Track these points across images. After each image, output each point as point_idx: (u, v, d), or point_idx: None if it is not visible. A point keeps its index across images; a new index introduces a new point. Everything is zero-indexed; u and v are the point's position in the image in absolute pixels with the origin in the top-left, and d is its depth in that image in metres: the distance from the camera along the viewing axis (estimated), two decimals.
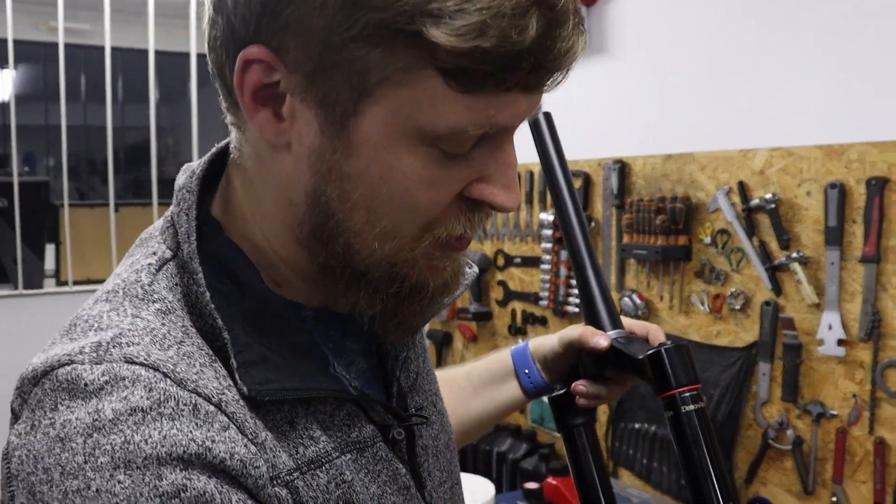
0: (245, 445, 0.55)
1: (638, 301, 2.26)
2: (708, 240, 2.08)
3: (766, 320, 1.94)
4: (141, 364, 0.55)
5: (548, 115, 0.90)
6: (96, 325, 0.58)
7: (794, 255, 1.87)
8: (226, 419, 0.55)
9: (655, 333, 0.90)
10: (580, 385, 0.87)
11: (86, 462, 0.51)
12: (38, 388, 0.55)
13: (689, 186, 2.13)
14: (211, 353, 0.60)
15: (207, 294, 0.61)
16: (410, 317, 0.67)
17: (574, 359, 0.91)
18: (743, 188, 1.99)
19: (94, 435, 0.51)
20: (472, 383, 1.01)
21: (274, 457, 0.58)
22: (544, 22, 0.54)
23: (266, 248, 0.66)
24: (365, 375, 0.72)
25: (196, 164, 0.70)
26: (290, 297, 0.68)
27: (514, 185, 0.62)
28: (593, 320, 0.88)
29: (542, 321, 2.57)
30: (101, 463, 0.51)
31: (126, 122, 4.10)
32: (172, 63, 3.41)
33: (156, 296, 0.61)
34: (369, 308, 0.66)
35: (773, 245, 1.93)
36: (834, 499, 1.81)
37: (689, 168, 2.14)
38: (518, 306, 2.66)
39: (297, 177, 0.61)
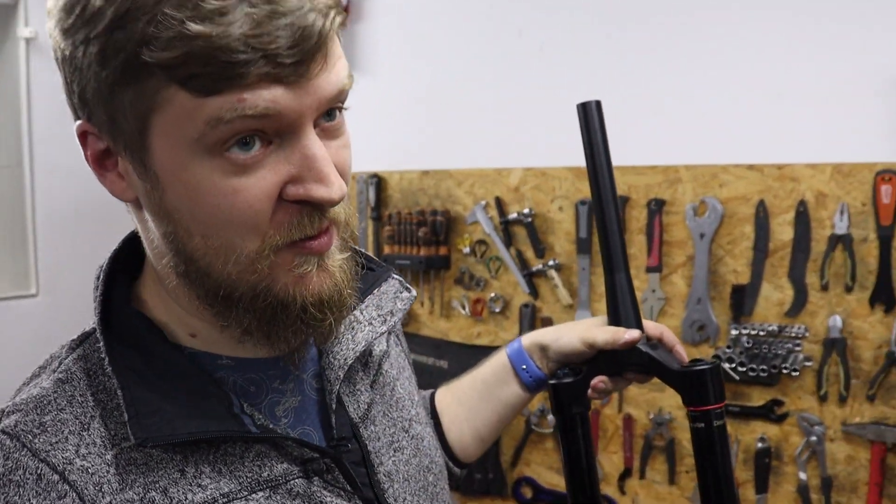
0: None
1: None
2: (467, 250, 2.28)
3: (525, 321, 2.20)
4: (7, 434, 0.64)
5: (598, 104, 0.92)
6: (15, 393, 0.71)
7: (550, 262, 2.15)
8: (66, 487, 0.62)
9: (671, 337, 0.97)
10: (601, 382, 0.95)
11: None
12: None
13: (447, 201, 2.32)
14: (94, 416, 0.66)
15: (107, 359, 0.67)
16: (291, 333, 0.68)
17: (591, 355, 0.96)
18: (500, 203, 2.22)
19: None
20: (476, 390, 1.06)
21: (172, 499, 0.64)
22: (254, 17, 0.56)
23: (175, 305, 0.71)
24: (296, 412, 0.76)
25: (114, 251, 0.76)
26: (205, 348, 0.72)
27: (327, 176, 0.62)
28: (618, 319, 0.93)
29: None
30: None
31: None
32: None
33: (62, 367, 0.69)
34: (238, 325, 0.67)
35: (530, 254, 2.19)
36: None
37: (445, 184, 2.32)
38: None
39: (154, 226, 0.66)
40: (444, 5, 2.38)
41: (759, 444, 1.89)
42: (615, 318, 0.94)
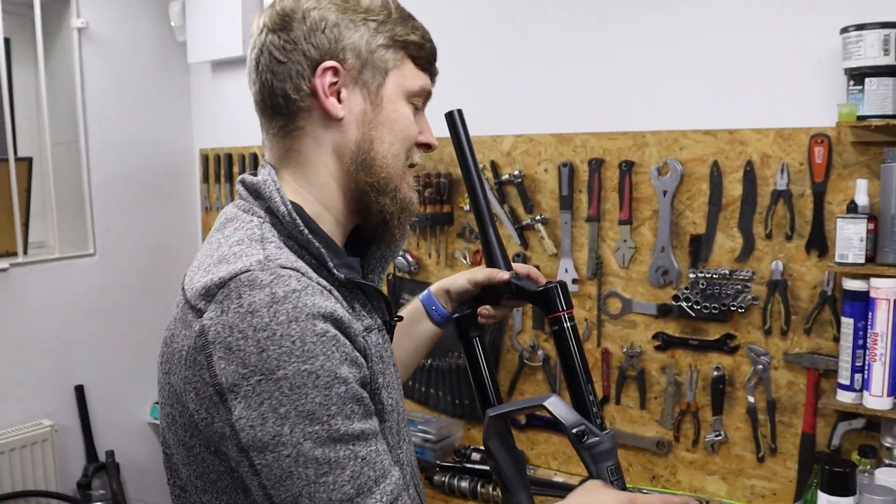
0: (347, 312, 0.91)
1: (410, 259, 2.72)
2: (467, 207, 2.58)
3: None
4: (290, 268, 0.89)
5: (460, 112, 1.28)
6: (244, 255, 0.91)
7: (537, 217, 2.44)
8: (335, 295, 0.92)
9: (536, 273, 1.25)
10: (484, 309, 1.26)
11: (271, 321, 0.83)
12: (224, 288, 0.86)
13: (449, 165, 2.62)
14: (310, 265, 0.96)
15: (306, 230, 0.96)
16: (405, 221, 1.07)
17: (477, 292, 1.26)
18: (494, 166, 2.51)
19: (274, 305, 0.83)
20: (398, 327, 1.35)
21: (357, 320, 0.95)
22: (429, 39, 1.08)
23: (314, 203, 1.03)
24: None
25: (266, 169, 1.03)
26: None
27: (432, 133, 1.09)
28: (493, 264, 1.22)
29: None
30: (281, 320, 0.83)
31: None
32: None
33: (270, 238, 0.95)
34: (391, 206, 1.04)
35: (520, 210, 2.48)
36: None
37: (448, 149, 2.60)
38: None
39: (347, 137, 1.02)
40: None
41: (715, 373, 2.19)
42: (490, 263, 1.23)
